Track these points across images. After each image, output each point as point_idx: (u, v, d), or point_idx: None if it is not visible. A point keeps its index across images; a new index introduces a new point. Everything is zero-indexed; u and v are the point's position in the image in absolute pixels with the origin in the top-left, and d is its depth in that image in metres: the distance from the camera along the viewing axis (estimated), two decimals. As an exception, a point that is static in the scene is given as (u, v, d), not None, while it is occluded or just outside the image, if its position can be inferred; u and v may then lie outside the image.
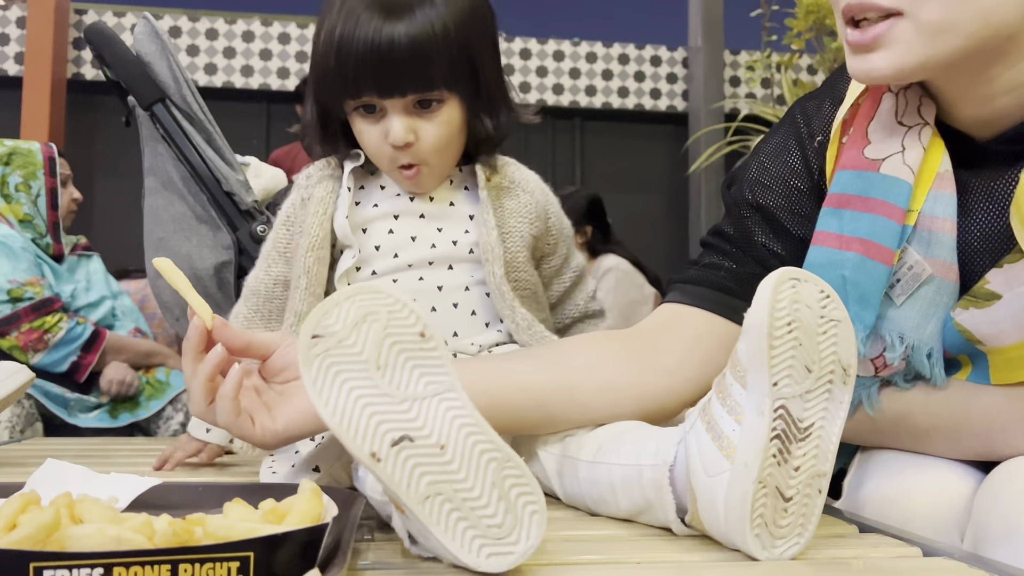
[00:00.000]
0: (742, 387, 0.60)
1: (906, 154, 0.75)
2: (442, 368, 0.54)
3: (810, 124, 0.85)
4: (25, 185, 2.19)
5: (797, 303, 0.58)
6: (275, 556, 0.44)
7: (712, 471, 0.60)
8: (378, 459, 0.52)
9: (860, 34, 0.68)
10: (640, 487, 0.66)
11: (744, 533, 0.58)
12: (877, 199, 0.75)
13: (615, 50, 5.56)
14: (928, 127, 0.76)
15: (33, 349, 2.06)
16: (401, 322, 0.55)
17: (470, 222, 0.99)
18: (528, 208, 1.00)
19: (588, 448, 0.74)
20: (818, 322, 0.59)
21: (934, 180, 0.75)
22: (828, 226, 0.78)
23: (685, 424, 0.66)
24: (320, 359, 0.53)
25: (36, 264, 2.16)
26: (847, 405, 0.60)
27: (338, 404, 0.52)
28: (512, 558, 0.52)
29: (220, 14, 5.11)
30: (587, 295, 1.12)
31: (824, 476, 0.60)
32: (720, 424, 0.61)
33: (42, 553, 0.40)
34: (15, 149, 2.21)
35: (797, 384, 0.58)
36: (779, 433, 0.58)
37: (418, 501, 0.52)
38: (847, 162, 0.78)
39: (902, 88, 0.78)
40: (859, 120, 0.80)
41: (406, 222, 0.98)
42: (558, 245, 1.06)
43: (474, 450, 0.53)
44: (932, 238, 0.74)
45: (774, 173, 0.85)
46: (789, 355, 0.58)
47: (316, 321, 0.54)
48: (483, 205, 0.98)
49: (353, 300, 0.54)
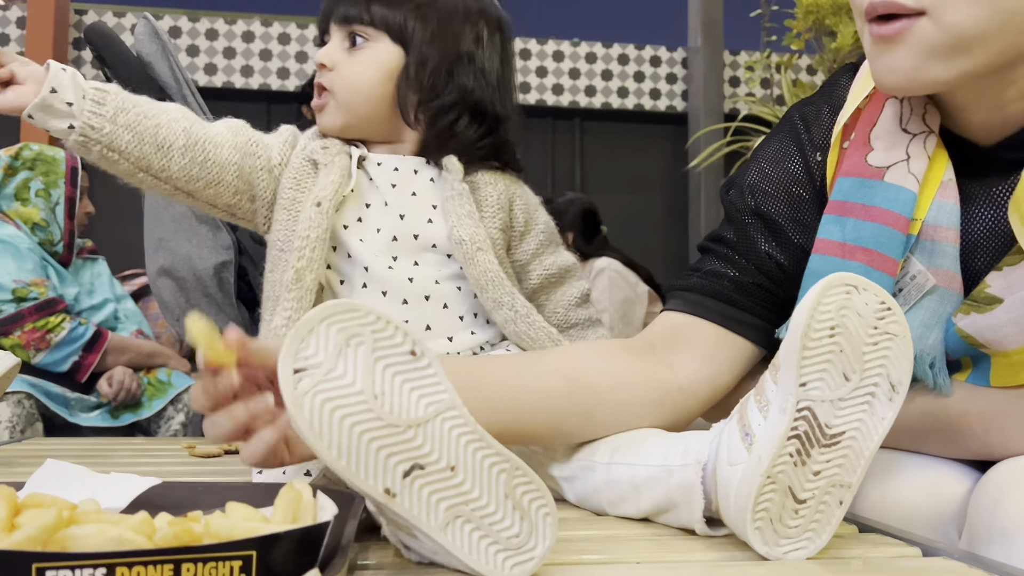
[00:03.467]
0: (774, 383, 0.60)
1: (911, 162, 0.74)
2: (439, 386, 0.52)
3: (810, 130, 0.84)
4: (45, 192, 2.21)
5: (846, 309, 0.58)
6: (276, 555, 0.44)
7: (734, 461, 0.61)
8: (393, 495, 0.49)
9: (883, 26, 0.67)
10: (667, 487, 0.66)
11: (745, 523, 0.58)
12: (881, 208, 0.74)
13: (615, 50, 5.56)
14: (933, 135, 0.75)
15: (35, 348, 2.07)
16: (388, 341, 0.51)
17: (433, 212, 0.97)
18: (491, 200, 0.99)
19: (604, 450, 0.74)
20: (869, 332, 0.58)
21: (938, 189, 0.74)
22: (830, 234, 0.77)
23: (720, 423, 0.66)
24: (310, 397, 0.49)
25: (41, 265, 2.17)
26: (889, 422, 0.59)
27: (341, 444, 0.49)
28: (533, 563, 0.53)
29: (220, 14, 5.12)
30: (569, 301, 1.06)
31: (848, 488, 0.59)
32: (750, 417, 0.61)
33: (44, 554, 0.40)
34: (40, 155, 2.24)
35: (830, 389, 0.58)
36: (800, 434, 0.58)
37: (439, 529, 0.50)
38: (849, 169, 0.77)
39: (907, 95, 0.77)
40: (861, 125, 0.79)
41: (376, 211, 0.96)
42: (524, 238, 1.03)
43: (483, 465, 0.52)
44: (935, 248, 0.74)
45: (775, 179, 0.84)
46: (825, 359, 0.58)
47: (294, 353, 0.49)
48: (463, 196, 0.96)
49: (330, 323, 0.50)
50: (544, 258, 1.04)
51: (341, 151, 0.97)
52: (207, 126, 0.96)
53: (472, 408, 0.54)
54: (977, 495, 0.70)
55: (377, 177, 0.97)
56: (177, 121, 0.93)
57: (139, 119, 0.90)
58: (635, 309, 2.98)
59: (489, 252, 0.94)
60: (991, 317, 0.71)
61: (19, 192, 2.19)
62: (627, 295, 2.97)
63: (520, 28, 5.42)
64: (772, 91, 3.98)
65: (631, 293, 2.99)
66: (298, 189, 0.95)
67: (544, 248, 1.04)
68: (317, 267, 0.90)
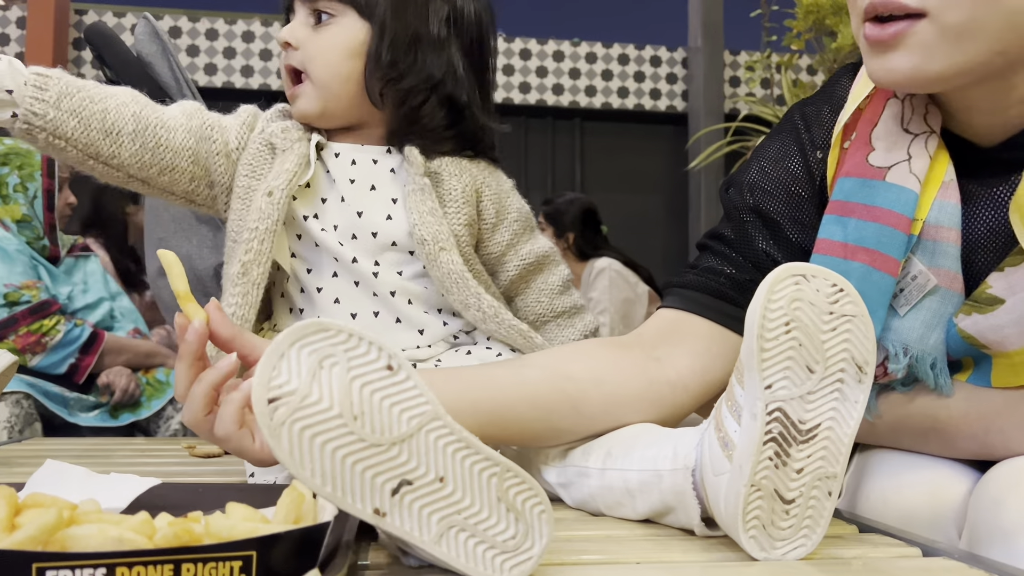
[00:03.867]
0: (741, 388, 0.60)
1: (912, 163, 0.74)
2: (420, 398, 0.51)
3: (810, 130, 0.84)
4: (22, 186, 2.18)
5: (797, 301, 0.57)
6: (276, 555, 0.44)
7: (717, 470, 0.60)
8: (383, 514, 0.49)
9: (880, 29, 0.67)
10: (660, 491, 0.66)
11: (738, 533, 0.58)
12: (883, 208, 0.74)
13: (615, 50, 5.57)
14: (934, 135, 0.75)
15: (31, 352, 2.06)
16: (363, 359, 0.50)
17: (393, 206, 0.93)
18: (455, 194, 0.95)
19: (596, 455, 0.74)
20: (824, 319, 0.57)
21: (939, 189, 0.74)
22: (832, 234, 0.76)
23: (702, 425, 0.66)
24: (287, 427, 0.47)
25: (32, 267, 2.15)
26: (862, 404, 0.59)
27: (324, 470, 0.48)
28: (531, 562, 0.53)
29: (220, 14, 5.12)
30: (552, 289, 1.03)
31: (833, 478, 0.59)
32: (725, 424, 0.61)
33: (45, 554, 0.40)
34: (13, 149, 2.20)
35: (796, 386, 0.57)
36: (775, 436, 0.57)
37: (433, 542, 0.50)
38: (851, 169, 0.77)
39: (908, 94, 0.77)
40: (862, 125, 0.78)
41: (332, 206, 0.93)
42: (496, 230, 0.99)
43: (472, 471, 0.52)
44: (937, 248, 0.73)
45: (775, 178, 0.84)
46: (785, 356, 0.57)
47: (266, 382, 0.47)
48: (424, 192, 0.92)
49: (301, 346, 0.48)
50: (520, 247, 1.00)
51: (302, 137, 0.93)
52: (160, 110, 0.92)
53: (458, 412, 0.54)
54: (977, 495, 0.70)
55: (334, 170, 0.94)
56: (126, 105, 0.90)
57: (84, 103, 0.87)
58: (636, 309, 2.98)
59: (453, 252, 0.91)
60: (992, 318, 0.71)
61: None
62: (627, 295, 2.97)
63: (520, 28, 5.42)
64: (772, 91, 3.98)
65: (631, 293, 2.99)
66: (253, 176, 0.92)
67: (519, 237, 1.00)
68: (265, 260, 0.87)
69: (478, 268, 0.97)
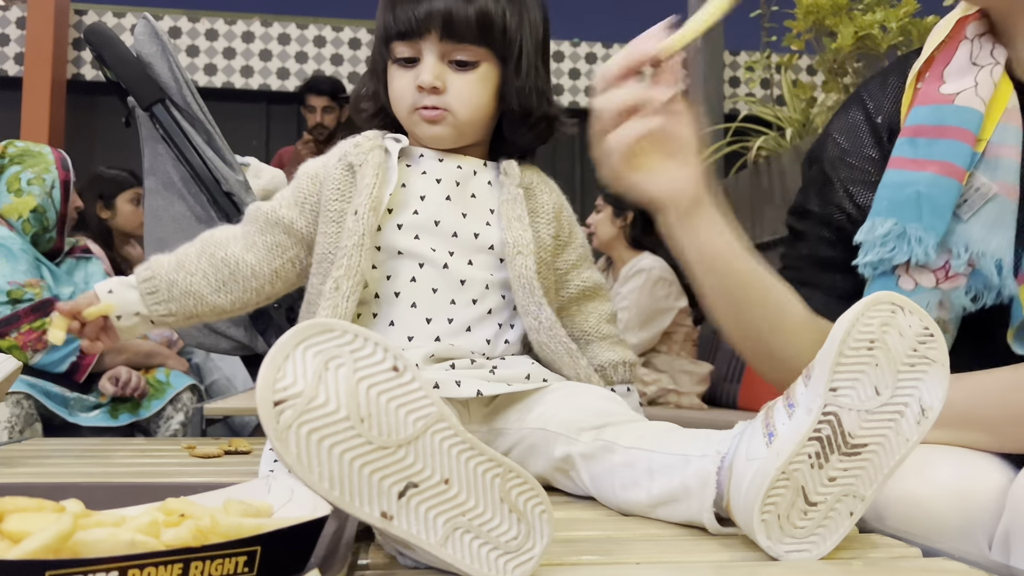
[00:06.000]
0: (805, 386, 0.60)
1: (979, 88, 0.82)
2: (425, 399, 0.51)
3: (875, 98, 0.93)
4: (39, 179, 2.22)
5: (888, 327, 0.58)
6: (277, 548, 0.45)
7: (752, 456, 0.61)
8: (390, 517, 0.49)
9: None
10: (682, 475, 0.67)
11: (752, 514, 0.58)
12: (952, 126, 0.81)
13: (615, 50, 5.56)
14: (999, 66, 0.83)
15: (32, 349, 2.07)
16: (368, 360, 0.49)
17: (491, 216, 0.98)
18: (547, 208, 1.01)
19: (628, 436, 0.75)
20: (908, 353, 0.59)
21: (1003, 114, 0.81)
22: (904, 152, 0.84)
23: (744, 422, 0.66)
24: (294, 431, 0.47)
25: (35, 266, 2.17)
26: (913, 444, 0.59)
27: (332, 474, 0.48)
28: (532, 562, 0.53)
29: (220, 14, 5.12)
30: (601, 315, 1.07)
31: (861, 500, 0.59)
32: (775, 418, 0.61)
33: (57, 561, 0.40)
34: (26, 150, 2.24)
35: (859, 400, 0.58)
36: (822, 436, 0.58)
37: (439, 545, 0.50)
38: (923, 99, 0.85)
39: (977, 35, 0.85)
40: (935, 66, 0.87)
41: (433, 203, 0.96)
42: (567, 248, 1.04)
43: (476, 472, 0.52)
44: (999, 163, 0.80)
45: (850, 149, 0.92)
46: (859, 368, 0.58)
47: (271, 384, 0.47)
48: (517, 201, 0.97)
49: (306, 347, 0.48)
50: (582, 271, 1.06)
51: (374, 146, 0.96)
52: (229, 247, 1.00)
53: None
54: (1020, 487, 0.69)
55: (433, 171, 0.98)
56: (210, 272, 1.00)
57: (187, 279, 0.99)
58: (660, 320, 2.88)
59: (529, 257, 0.95)
60: None
61: (11, 185, 2.19)
62: (658, 306, 2.86)
63: (520, 28, 5.43)
64: (772, 91, 3.98)
65: (663, 304, 2.88)
66: (342, 200, 0.96)
67: (582, 261, 1.06)
68: (356, 275, 0.90)
69: (548, 281, 1.00)
